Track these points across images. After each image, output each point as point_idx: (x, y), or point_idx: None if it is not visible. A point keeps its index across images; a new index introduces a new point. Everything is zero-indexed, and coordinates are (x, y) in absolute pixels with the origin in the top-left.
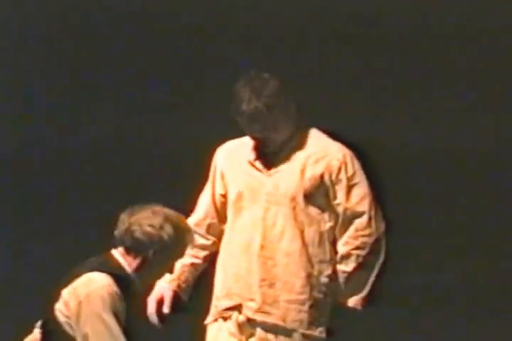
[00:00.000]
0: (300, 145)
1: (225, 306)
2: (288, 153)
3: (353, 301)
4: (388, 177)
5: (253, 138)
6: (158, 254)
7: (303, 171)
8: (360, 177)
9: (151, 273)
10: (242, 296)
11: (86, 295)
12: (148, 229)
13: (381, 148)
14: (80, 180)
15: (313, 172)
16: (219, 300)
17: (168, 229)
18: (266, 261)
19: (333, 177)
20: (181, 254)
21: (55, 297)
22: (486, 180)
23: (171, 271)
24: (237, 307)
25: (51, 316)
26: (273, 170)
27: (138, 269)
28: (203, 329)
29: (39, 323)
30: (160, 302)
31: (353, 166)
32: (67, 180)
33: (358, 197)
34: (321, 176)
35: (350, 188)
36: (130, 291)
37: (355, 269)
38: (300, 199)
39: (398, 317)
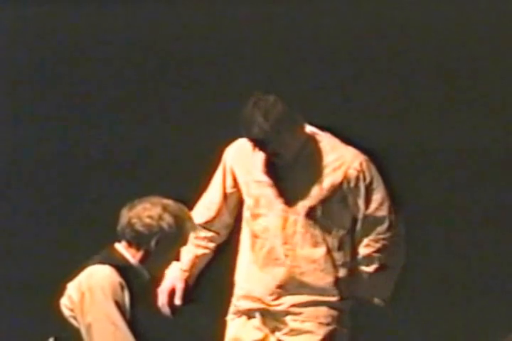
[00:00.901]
0: (314, 154)
1: (246, 307)
2: (303, 163)
3: (376, 301)
4: (401, 180)
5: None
6: (160, 244)
7: (321, 181)
8: (378, 183)
9: (156, 264)
10: (265, 301)
11: (88, 287)
12: (148, 220)
13: (394, 151)
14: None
15: (331, 182)
16: (238, 300)
17: (168, 218)
18: (293, 270)
19: (352, 185)
20: (184, 242)
21: (61, 292)
22: (503, 180)
23: (177, 259)
24: (260, 309)
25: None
26: (289, 181)
27: (142, 260)
28: (213, 321)
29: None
30: (171, 294)
31: (370, 173)
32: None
33: (377, 203)
34: (339, 185)
35: (368, 195)
36: (138, 283)
37: (377, 270)
38: (319, 208)
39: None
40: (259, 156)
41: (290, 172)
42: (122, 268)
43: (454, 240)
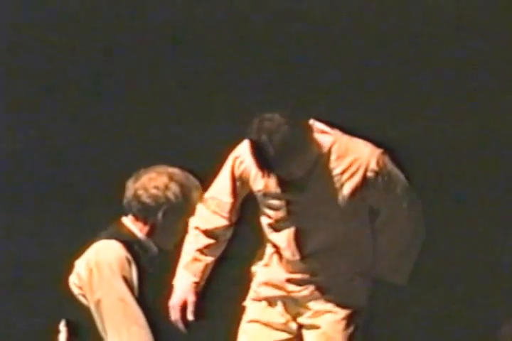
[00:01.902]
0: (329, 163)
1: (267, 294)
2: (320, 173)
3: (395, 279)
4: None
5: None
6: (167, 216)
7: (341, 189)
8: (396, 177)
9: (164, 237)
10: (287, 289)
11: (95, 263)
12: (154, 191)
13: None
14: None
15: (350, 188)
16: (259, 287)
17: (174, 188)
18: (314, 266)
19: (371, 186)
20: (191, 212)
21: (69, 270)
22: None
23: (185, 230)
24: (282, 297)
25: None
26: (308, 193)
27: (149, 234)
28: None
29: (62, 323)
30: (184, 308)
31: (387, 169)
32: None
33: (398, 196)
34: (359, 189)
35: (388, 190)
36: (147, 256)
37: (397, 249)
38: (340, 213)
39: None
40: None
41: (308, 184)
42: (129, 242)
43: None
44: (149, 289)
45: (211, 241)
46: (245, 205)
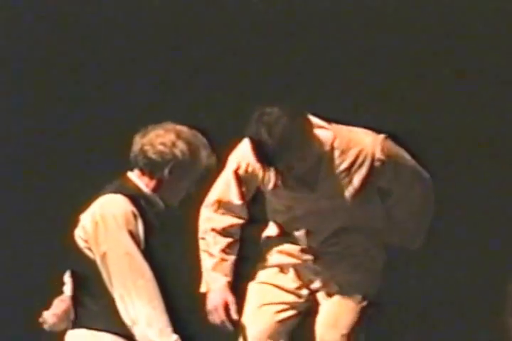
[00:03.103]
0: (333, 157)
1: (280, 262)
2: (328, 169)
3: (410, 244)
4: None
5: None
6: (174, 173)
7: (350, 181)
8: (403, 159)
9: (170, 193)
10: (300, 257)
11: (101, 217)
12: (161, 147)
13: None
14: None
15: (359, 180)
16: (272, 255)
17: (181, 145)
18: (331, 240)
19: (380, 174)
20: (199, 172)
21: (75, 223)
22: None
23: (193, 189)
24: (295, 264)
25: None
26: (318, 190)
27: (155, 189)
28: None
29: (67, 274)
30: (227, 309)
31: (393, 154)
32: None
33: (408, 178)
34: (368, 178)
35: (397, 174)
36: (153, 211)
37: (410, 219)
38: (352, 203)
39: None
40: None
41: (317, 183)
42: (135, 197)
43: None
44: (155, 244)
45: (230, 239)
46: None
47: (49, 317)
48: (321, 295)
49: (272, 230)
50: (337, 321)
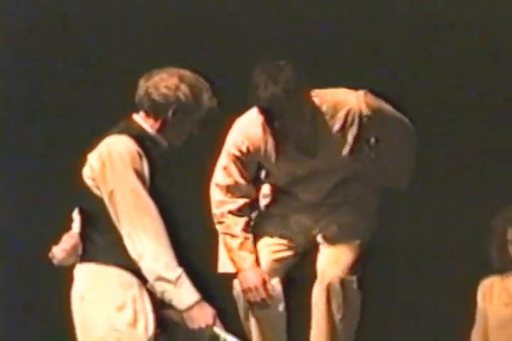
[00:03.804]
0: (326, 123)
1: (280, 212)
2: (324, 137)
3: (398, 184)
4: None
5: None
6: (177, 114)
7: (345, 141)
8: (387, 110)
9: (174, 133)
10: (301, 211)
11: (108, 156)
12: (164, 90)
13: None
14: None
15: (352, 136)
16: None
17: (184, 89)
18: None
19: (369, 127)
20: (201, 113)
21: (82, 162)
22: None
23: (196, 130)
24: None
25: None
26: (319, 156)
27: (160, 130)
28: None
29: (75, 211)
30: (265, 285)
31: (378, 107)
32: None
33: (392, 129)
34: (360, 133)
35: (383, 125)
36: (157, 150)
37: (397, 163)
38: (348, 160)
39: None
40: (280, 136)
41: (317, 150)
42: (140, 137)
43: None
44: (160, 182)
45: (246, 218)
46: None
47: (58, 252)
48: (320, 238)
49: (267, 189)
50: (337, 259)
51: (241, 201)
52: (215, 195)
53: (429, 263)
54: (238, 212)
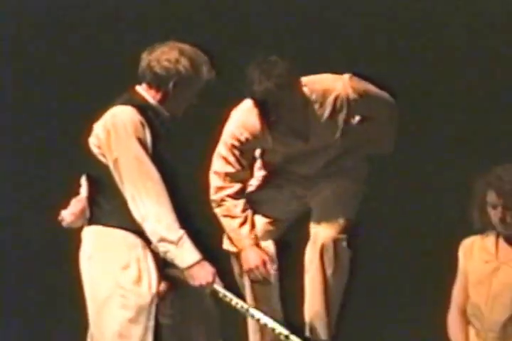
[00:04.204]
0: (315, 111)
1: (276, 182)
2: (315, 124)
3: (384, 151)
4: None
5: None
6: (177, 86)
7: (336, 124)
8: (371, 91)
9: (175, 104)
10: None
11: (112, 125)
12: (166, 63)
13: None
14: None
15: (342, 119)
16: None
17: (184, 62)
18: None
19: (357, 109)
20: (200, 85)
21: (89, 132)
22: None
23: (195, 100)
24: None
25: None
26: (312, 138)
27: (161, 101)
28: None
29: (83, 177)
30: (265, 265)
31: (363, 89)
32: None
33: (377, 107)
34: (349, 115)
35: (369, 105)
36: (159, 120)
37: (381, 134)
38: (340, 140)
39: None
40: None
41: (309, 136)
42: (143, 107)
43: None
44: (162, 149)
45: (244, 199)
46: None
47: (67, 215)
48: (313, 202)
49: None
50: (329, 220)
51: (238, 185)
52: (214, 181)
53: (414, 224)
54: (236, 195)
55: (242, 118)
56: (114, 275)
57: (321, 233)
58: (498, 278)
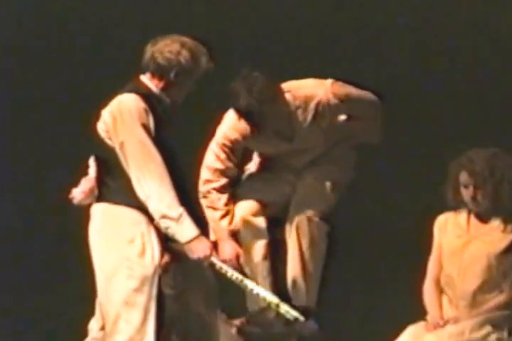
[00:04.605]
0: (298, 117)
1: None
2: (296, 125)
3: (373, 140)
4: None
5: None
6: (179, 76)
7: (319, 127)
8: (354, 94)
9: (176, 92)
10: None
11: (118, 112)
12: (168, 55)
13: None
14: None
15: (326, 123)
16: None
17: (185, 53)
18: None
19: (340, 112)
20: (199, 74)
21: (97, 117)
22: None
23: (190, 91)
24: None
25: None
26: (296, 141)
27: (163, 89)
28: None
29: (91, 159)
30: (238, 258)
31: (345, 94)
32: None
33: (361, 107)
34: (333, 119)
35: (353, 106)
36: (161, 107)
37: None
38: (325, 140)
39: None
40: (268, 127)
41: (294, 138)
42: (147, 95)
43: None
44: (164, 134)
45: (228, 194)
46: None
47: (77, 193)
48: (297, 187)
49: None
50: (307, 203)
51: (224, 180)
52: (204, 174)
53: (394, 201)
54: (221, 189)
55: (234, 121)
56: (121, 249)
57: (298, 214)
58: (469, 250)
